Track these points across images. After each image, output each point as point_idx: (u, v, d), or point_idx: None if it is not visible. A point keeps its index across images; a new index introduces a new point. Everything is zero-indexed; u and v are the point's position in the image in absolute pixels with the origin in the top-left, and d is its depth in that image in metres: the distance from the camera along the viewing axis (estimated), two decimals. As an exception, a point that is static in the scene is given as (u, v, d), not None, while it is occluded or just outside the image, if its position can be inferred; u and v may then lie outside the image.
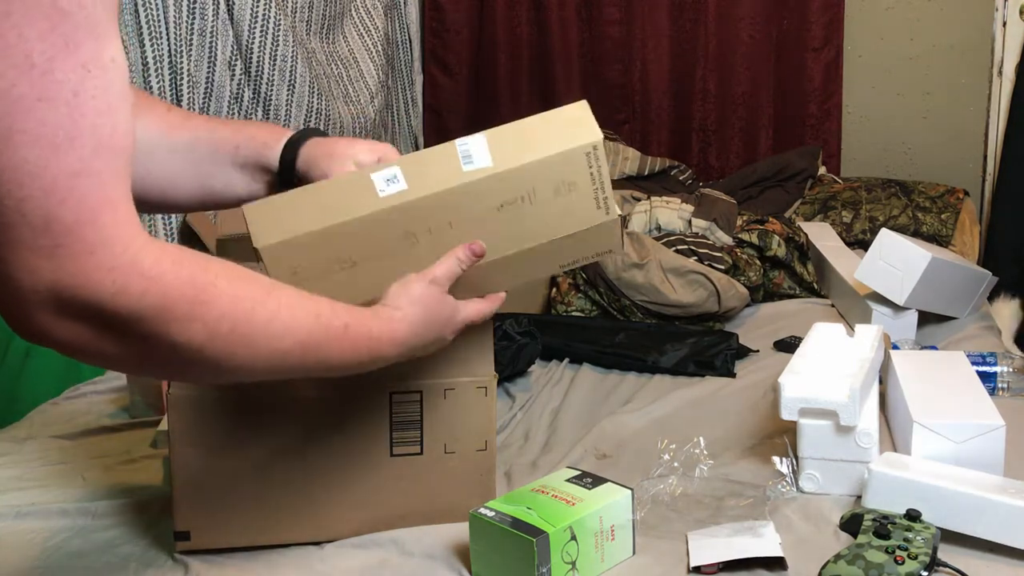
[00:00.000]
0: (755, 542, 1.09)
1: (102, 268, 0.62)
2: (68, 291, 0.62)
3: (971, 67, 2.99)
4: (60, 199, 0.60)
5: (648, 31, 3.19)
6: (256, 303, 0.74)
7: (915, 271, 1.76)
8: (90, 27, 0.60)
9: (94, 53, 0.60)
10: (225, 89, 2.25)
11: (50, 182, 0.59)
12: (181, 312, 0.67)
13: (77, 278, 0.61)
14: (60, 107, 0.59)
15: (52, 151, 0.59)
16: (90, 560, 1.14)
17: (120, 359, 0.68)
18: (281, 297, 0.77)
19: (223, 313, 0.70)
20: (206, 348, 0.70)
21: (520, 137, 1.03)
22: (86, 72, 0.60)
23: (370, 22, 2.86)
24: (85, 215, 0.61)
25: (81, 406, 1.66)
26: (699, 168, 3.15)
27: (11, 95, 0.57)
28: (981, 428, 1.22)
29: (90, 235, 0.61)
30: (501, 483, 1.30)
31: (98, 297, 0.63)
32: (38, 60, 0.57)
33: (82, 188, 0.60)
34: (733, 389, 1.68)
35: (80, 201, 0.60)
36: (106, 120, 0.61)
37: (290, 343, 0.77)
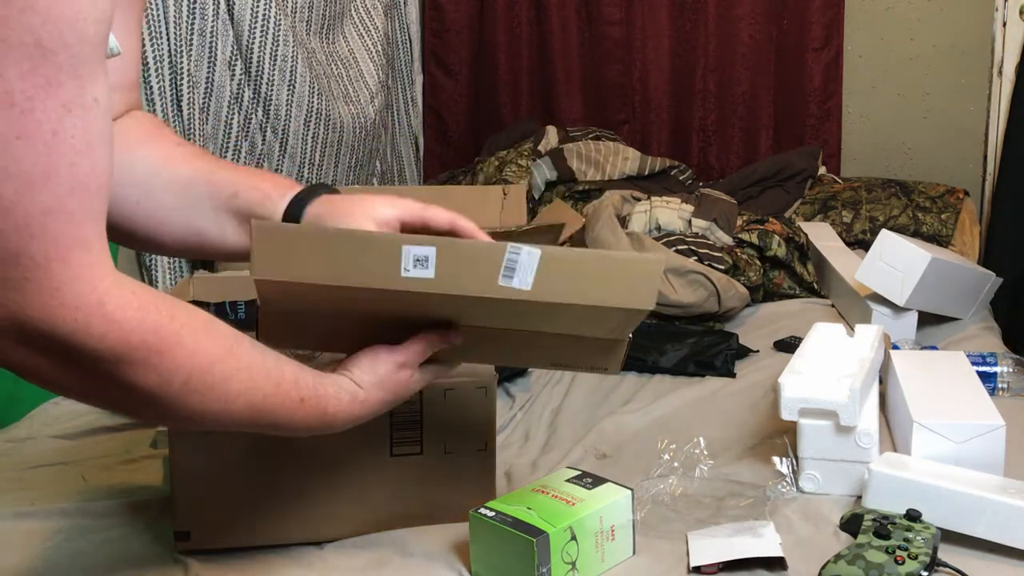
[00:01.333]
0: (755, 542, 1.09)
1: (67, 306, 0.63)
2: (31, 323, 0.63)
3: (971, 67, 2.99)
4: (31, 235, 0.61)
5: (648, 31, 3.19)
6: (215, 360, 0.74)
7: (915, 271, 1.76)
8: (73, 67, 0.60)
9: (76, 93, 0.60)
10: (225, 89, 2.25)
11: (23, 218, 0.60)
12: (138, 358, 0.68)
13: (41, 312, 0.63)
14: (38, 146, 0.59)
15: (27, 188, 0.59)
16: (90, 560, 1.14)
17: (75, 391, 0.70)
18: (243, 357, 0.78)
19: (179, 366, 0.71)
20: (158, 396, 0.71)
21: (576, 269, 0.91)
22: (67, 112, 0.60)
23: (370, 22, 2.86)
24: (56, 252, 0.62)
25: (81, 406, 1.66)
26: (699, 168, 3.15)
27: None
28: (981, 428, 1.22)
29: (59, 273, 0.62)
30: (501, 483, 1.30)
31: (60, 333, 0.64)
32: (18, 99, 0.58)
33: (55, 226, 0.61)
34: (733, 389, 1.68)
35: (53, 239, 0.61)
36: (84, 160, 0.62)
37: (242, 405, 0.78)
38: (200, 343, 0.73)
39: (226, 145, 2.28)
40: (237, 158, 2.31)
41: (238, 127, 2.30)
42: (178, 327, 0.71)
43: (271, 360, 0.82)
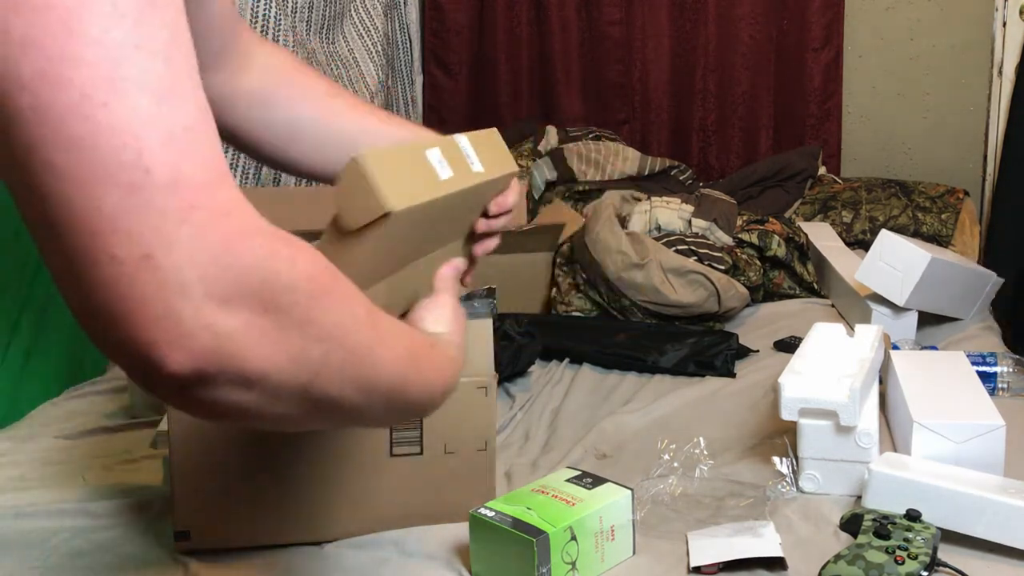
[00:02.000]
0: (755, 542, 1.09)
1: (245, 231, 0.52)
2: (214, 260, 0.50)
3: (971, 67, 2.99)
4: (183, 151, 0.50)
5: (648, 31, 3.19)
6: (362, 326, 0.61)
7: (915, 271, 1.76)
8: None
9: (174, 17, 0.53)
10: (225, 89, 2.25)
11: (167, 134, 0.50)
12: (324, 284, 0.56)
13: (222, 242, 0.50)
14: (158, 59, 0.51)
15: (162, 100, 0.50)
16: (90, 560, 1.14)
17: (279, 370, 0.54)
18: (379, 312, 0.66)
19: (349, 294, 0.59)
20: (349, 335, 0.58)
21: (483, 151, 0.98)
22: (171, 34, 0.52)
23: (370, 22, 2.86)
24: (213, 175, 0.51)
25: (81, 406, 1.66)
26: (699, 168, 3.15)
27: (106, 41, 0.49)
28: (981, 428, 1.22)
29: (222, 196, 0.51)
30: (501, 483, 1.30)
31: (250, 262, 0.51)
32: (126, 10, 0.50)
33: (202, 145, 0.52)
34: (733, 389, 1.68)
35: (205, 159, 0.52)
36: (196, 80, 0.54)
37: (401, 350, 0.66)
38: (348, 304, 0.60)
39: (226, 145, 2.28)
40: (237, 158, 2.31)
41: (238, 127, 2.30)
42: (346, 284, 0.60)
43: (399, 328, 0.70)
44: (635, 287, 1.96)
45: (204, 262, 0.50)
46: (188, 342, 0.50)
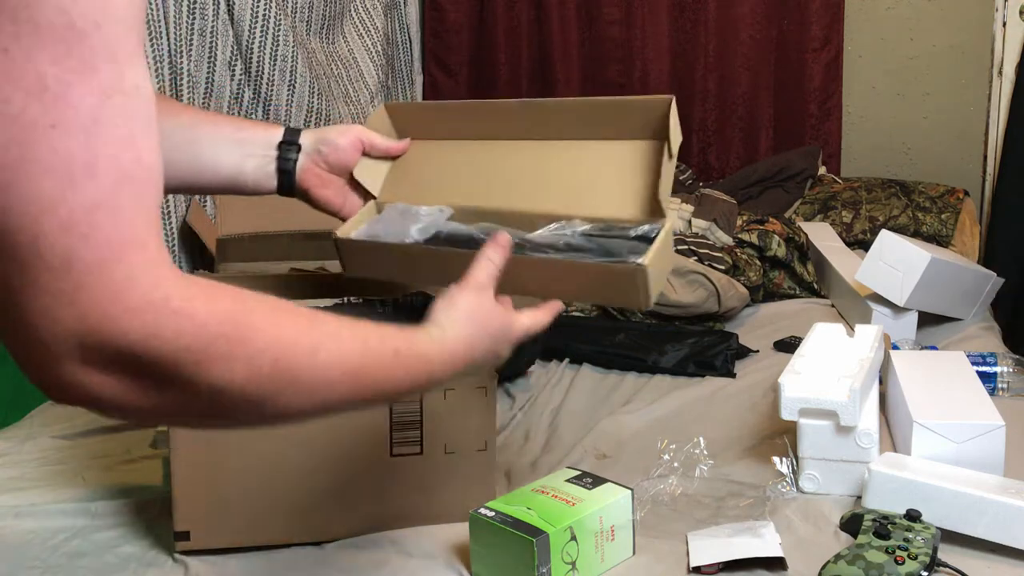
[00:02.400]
0: (755, 542, 1.09)
1: (131, 310, 0.55)
2: (94, 337, 0.55)
3: (971, 67, 2.99)
4: (81, 235, 0.53)
5: (648, 31, 3.19)
6: (299, 334, 0.67)
7: (915, 272, 1.76)
8: (108, 50, 0.55)
9: (114, 78, 0.55)
10: (225, 89, 2.25)
11: (67, 216, 0.53)
12: (219, 351, 0.60)
13: (104, 323, 0.55)
14: (76, 134, 0.53)
15: (68, 182, 0.53)
16: (90, 560, 1.14)
17: (156, 411, 0.61)
18: (324, 327, 0.71)
19: (263, 348, 0.63)
20: (248, 388, 0.63)
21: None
22: (106, 98, 0.54)
23: (370, 22, 2.86)
24: (110, 252, 0.54)
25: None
26: (699, 168, 3.15)
27: (21, 121, 0.52)
28: (981, 428, 1.22)
29: (116, 274, 0.54)
30: (501, 483, 1.30)
31: (128, 342, 0.56)
32: (51, 84, 0.52)
33: (104, 224, 0.54)
34: (733, 389, 1.68)
35: (104, 238, 0.54)
36: (128, 151, 0.56)
37: (338, 374, 0.70)
38: (277, 320, 0.66)
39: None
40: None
41: (238, 127, 2.30)
42: (249, 310, 0.64)
43: (349, 322, 0.74)
44: (635, 287, 1.95)
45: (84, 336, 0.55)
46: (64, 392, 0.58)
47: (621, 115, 1.08)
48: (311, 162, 1.12)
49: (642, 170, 1.07)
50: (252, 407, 0.65)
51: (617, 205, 1.06)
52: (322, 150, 1.11)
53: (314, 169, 1.12)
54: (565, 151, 1.13)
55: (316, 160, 1.12)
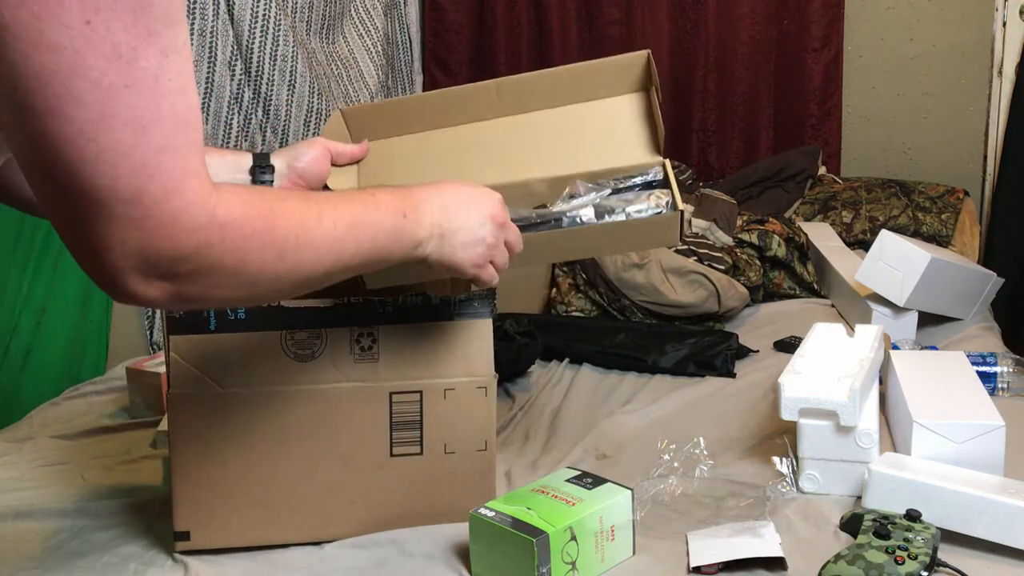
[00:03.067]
0: (755, 542, 1.09)
1: (187, 229, 0.68)
2: (156, 255, 0.67)
3: (971, 67, 2.98)
4: (149, 175, 0.65)
5: (648, 31, 3.18)
6: (305, 211, 0.80)
7: (915, 272, 1.76)
8: (168, 16, 0.65)
9: (170, 39, 0.65)
10: (225, 89, 2.25)
11: (140, 160, 0.64)
12: (255, 245, 0.74)
13: (166, 243, 0.67)
14: (144, 91, 0.64)
15: (140, 132, 0.64)
16: (90, 560, 1.14)
17: (205, 299, 0.75)
18: (319, 199, 0.84)
19: (286, 233, 0.77)
20: (280, 266, 0.77)
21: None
22: (164, 57, 0.65)
23: (370, 22, 2.86)
24: (172, 185, 0.66)
25: (81, 406, 1.66)
26: (699, 168, 3.15)
27: (102, 84, 0.62)
28: (981, 428, 1.22)
29: (176, 203, 0.67)
30: (501, 483, 1.30)
31: (184, 255, 0.69)
32: (124, 51, 0.62)
33: (168, 163, 0.66)
34: (733, 389, 1.68)
35: (167, 174, 0.66)
36: (181, 99, 0.66)
37: (343, 228, 0.83)
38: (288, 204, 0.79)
39: (226, 145, 2.28)
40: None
41: (238, 127, 2.30)
42: (269, 202, 0.77)
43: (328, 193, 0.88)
44: (635, 287, 1.96)
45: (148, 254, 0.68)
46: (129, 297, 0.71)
47: (597, 76, 1.14)
48: (288, 182, 1.14)
49: (627, 120, 1.14)
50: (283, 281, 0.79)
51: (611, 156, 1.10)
52: (295, 166, 1.14)
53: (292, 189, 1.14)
54: (545, 119, 1.15)
55: (293, 179, 1.14)
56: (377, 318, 1.17)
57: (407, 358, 1.17)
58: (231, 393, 1.14)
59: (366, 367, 1.16)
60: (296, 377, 1.15)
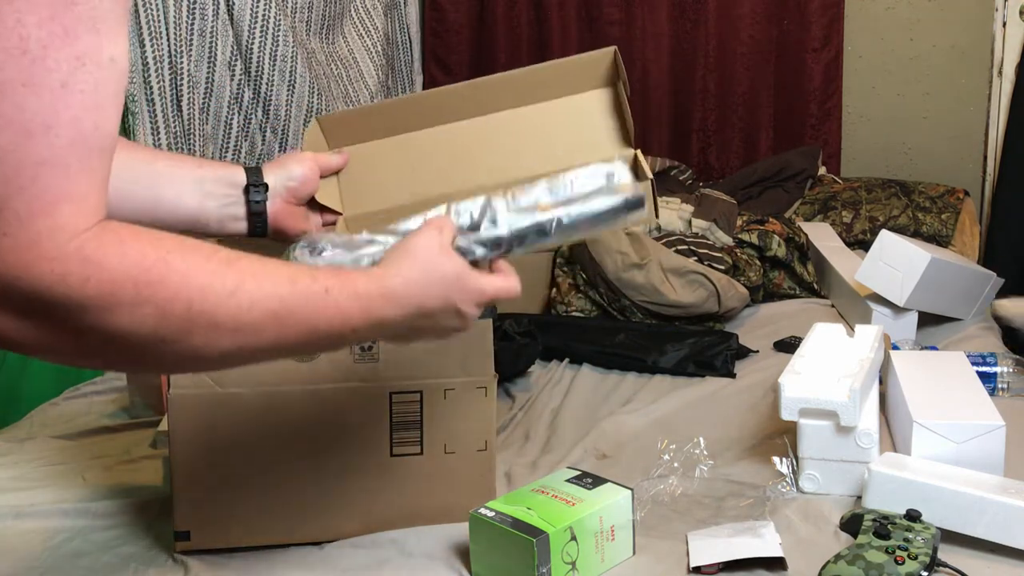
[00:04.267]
0: (755, 542, 1.09)
1: (44, 257, 0.59)
2: (5, 281, 0.59)
3: (971, 67, 2.99)
4: (20, 187, 0.58)
5: (648, 31, 3.19)
6: (215, 275, 0.67)
7: (915, 272, 1.76)
8: (92, 21, 0.59)
9: (92, 47, 0.59)
10: (225, 89, 2.25)
11: (14, 168, 0.57)
12: (127, 296, 0.62)
13: (16, 268, 0.59)
14: (44, 95, 0.57)
15: (24, 137, 0.57)
16: (90, 560, 1.14)
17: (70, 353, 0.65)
18: (245, 267, 0.70)
19: (175, 293, 0.64)
20: (160, 332, 0.64)
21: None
22: (79, 64, 0.58)
23: (370, 22, 2.86)
24: (41, 205, 0.59)
25: (81, 406, 1.66)
26: (699, 168, 3.15)
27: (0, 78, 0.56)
28: (981, 428, 1.22)
29: (40, 225, 0.59)
30: (501, 483, 1.30)
31: (36, 287, 0.59)
32: (32, 46, 0.57)
33: (46, 178, 0.59)
34: (733, 389, 1.68)
35: (41, 191, 0.58)
36: (91, 116, 0.60)
37: (259, 314, 0.69)
38: (191, 262, 0.66)
39: (226, 145, 2.28)
40: (237, 158, 2.31)
41: (238, 127, 2.30)
42: (164, 252, 0.64)
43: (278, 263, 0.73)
44: (635, 287, 1.96)
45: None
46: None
47: (564, 74, 1.16)
48: (282, 200, 1.11)
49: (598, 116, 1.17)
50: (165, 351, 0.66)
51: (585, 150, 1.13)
52: (290, 185, 1.12)
53: (286, 208, 1.12)
54: (519, 118, 1.18)
55: (286, 197, 1.12)
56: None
57: (407, 358, 1.17)
58: (231, 393, 1.14)
59: (366, 367, 1.16)
60: (297, 377, 1.15)
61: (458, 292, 0.87)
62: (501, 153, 1.19)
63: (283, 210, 1.12)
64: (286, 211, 1.13)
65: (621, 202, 0.95)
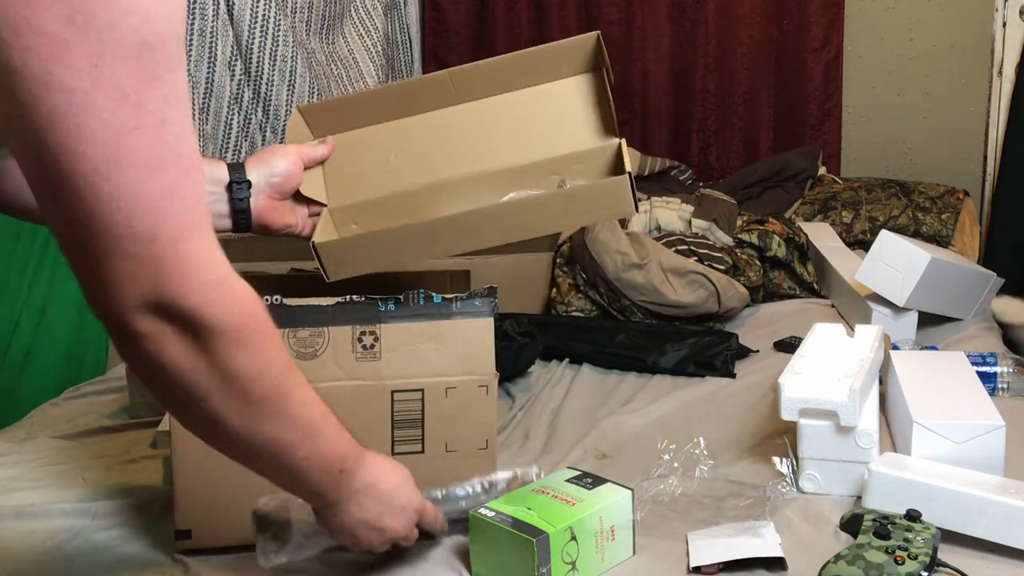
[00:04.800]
0: (755, 542, 1.09)
1: (199, 280, 0.69)
2: (168, 296, 0.68)
3: (971, 67, 2.99)
4: (159, 219, 0.67)
5: (648, 31, 3.19)
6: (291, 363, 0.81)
7: (915, 272, 1.76)
8: (168, 61, 0.66)
9: (172, 84, 0.66)
10: (225, 89, 2.25)
11: (150, 202, 0.66)
12: (252, 341, 0.74)
13: (179, 287, 0.68)
14: (152, 135, 0.65)
15: (149, 174, 0.65)
16: (90, 560, 1.14)
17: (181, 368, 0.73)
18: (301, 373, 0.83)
19: (273, 357, 0.77)
20: (256, 385, 0.76)
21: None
22: (166, 102, 0.66)
23: (370, 22, 2.86)
24: (181, 232, 0.68)
25: (81, 406, 1.66)
26: (699, 168, 3.15)
27: (112, 124, 0.63)
28: (981, 428, 1.22)
29: (184, 251, 0.68)
30: (501, 483, 1.30)
31: (191, 303, 0.69)
32: (130, 94, 0.64)
33: (175, 208, 0.67)
34: (733, 389, 1.68)
35: (176, 219, 0.67)
36: (185, 144, 0.68)
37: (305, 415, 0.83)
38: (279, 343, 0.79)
39: (226, 145, 2.28)
40: (237, 158, 2.31)
41: (238, 127, 2.30)
42: (269, 323, 0.77)
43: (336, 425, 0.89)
44: (635, 287, 1.96)
45: (160, 294, 0.68)
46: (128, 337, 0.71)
47: (548, 60, 1.17)
48: (266, 196, 1.14)
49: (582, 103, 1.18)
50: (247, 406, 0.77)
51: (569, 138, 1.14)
52: (273, 181, 1.14)
53: (270, 204, 1.15)
54: (502, 105, 1.18)
55: (270, 193, 1.14)
56: (379, 317, 1.17)
57: (409, 357, 1.17)
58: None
59: (368, 365, 1.16)
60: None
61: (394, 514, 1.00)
62: (485, 140, 1.19)
63: (267, 206, 1.14)
64: (270, 207, 1.14)
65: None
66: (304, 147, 1.20)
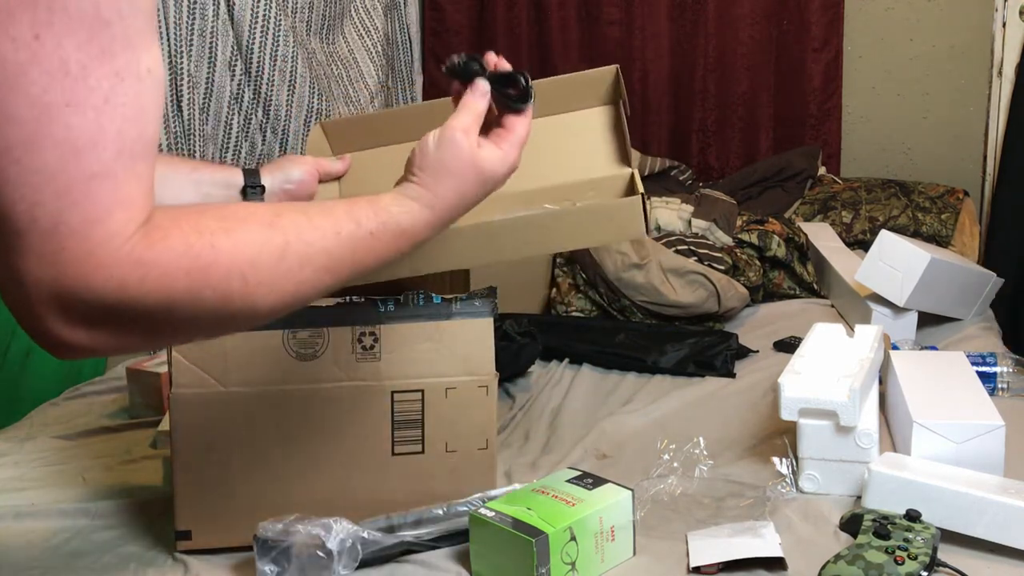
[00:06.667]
0: (755, 542, 1.09)
1: (101, 266, 0.61)
2: (70, 294, 0.61)
3: (971, 67, 2.99)
4: (72, 201, 0.60)
5: (648, 31, 3.19)
6: (261, 245, 0.70)
7: (915, 272, 1.76)
8: (127, 37, 0.61)
9: (129, 62, 0.61)
10: (225, 89, 2.25)
11: (64, 186, 0.60)
12: (184, 287, 0.65)
13: (78, 280, 0.61)
14: (88, 112, 0.59)
15: (73, 155, 0.59)
16: (90, 560, 1.14)
17: (145, 345, 0.69)
18: (287, 228, 0.73)
19: (228, 271, 0.67)
20: (227, 307, 0.68)
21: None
22: (119, 80, 0.61)
23: (370, 22, 2.86)
24: (95, 215, 0.61)
25: (81, 406, 1.66)
26: (699, 168, 3.15)
27: (41, 101, 0.58)
28: (981, 428, 1.22)
29: (95, 235, 0.61)
30: (501, 483, 1.30)
31: (99, 296, 0.62)
32: (73, 68, 0.59)
33: (97, 190, 0.61)
34: (733, 389, 1.68)
35: (93, 202, 0.61)
36: (133, 127, 0.62)
37: (311, 271, 0.74)
38: (237, 238, 0.69)
39: (226, 145, 2.28)
40: (237, 158, 2.31)
41: (238, 127, 2.30)
42: (208, 236, 0.67)
43: (317, 213, 0.77)
44: (635, 287, 1.96)
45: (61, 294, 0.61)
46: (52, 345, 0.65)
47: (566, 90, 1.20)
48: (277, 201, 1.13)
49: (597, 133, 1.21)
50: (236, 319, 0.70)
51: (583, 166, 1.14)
52: (287, 188, 1.15)
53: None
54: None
55: (283, 199, 1.14)
56: (379, 317, 1.17)
57: (408, 357, 1.17)
58: (233, 392, 1.14)
59: (368, 366, 1.16)
60: (298, 376, 1.15)
61: (491, 184, 0.92)
62: None
63: None
64: None
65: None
66: (322, 160, 1.20)
